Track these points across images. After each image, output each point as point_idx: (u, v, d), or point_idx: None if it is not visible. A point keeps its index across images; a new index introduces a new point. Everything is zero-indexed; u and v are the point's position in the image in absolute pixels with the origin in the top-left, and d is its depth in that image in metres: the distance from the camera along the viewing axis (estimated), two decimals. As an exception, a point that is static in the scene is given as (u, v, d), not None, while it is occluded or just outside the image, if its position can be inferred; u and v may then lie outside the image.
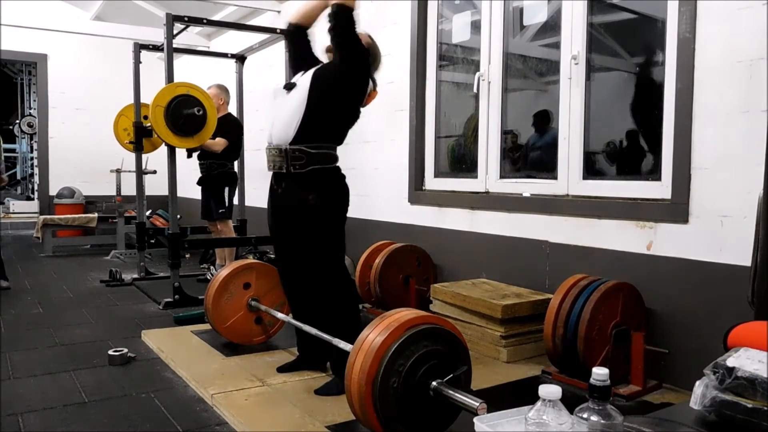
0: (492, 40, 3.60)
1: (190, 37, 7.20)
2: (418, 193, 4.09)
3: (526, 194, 3.37)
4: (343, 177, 2.60)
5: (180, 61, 7.04)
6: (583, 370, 2.49)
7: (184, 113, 4.04)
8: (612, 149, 3.18)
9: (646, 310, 2.69)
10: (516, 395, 2.54)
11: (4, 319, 3.81)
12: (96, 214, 7.10)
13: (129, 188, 6.28)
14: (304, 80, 2.53)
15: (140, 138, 5.10)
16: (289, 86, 2.60)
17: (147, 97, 4.57)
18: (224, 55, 5.54)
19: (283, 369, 2.76)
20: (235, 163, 5.11)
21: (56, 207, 7.71)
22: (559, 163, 3.21)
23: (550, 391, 1.18)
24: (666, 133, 2.70)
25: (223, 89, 5.07)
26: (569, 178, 3.16)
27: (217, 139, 4.67)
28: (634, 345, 2.52)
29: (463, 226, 3.74)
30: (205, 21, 4.49)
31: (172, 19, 4.16)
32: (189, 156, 4.77)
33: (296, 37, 2.71)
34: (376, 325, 1.95)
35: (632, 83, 3.15)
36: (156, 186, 6.58)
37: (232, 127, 4.89)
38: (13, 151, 12.94)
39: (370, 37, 2.70)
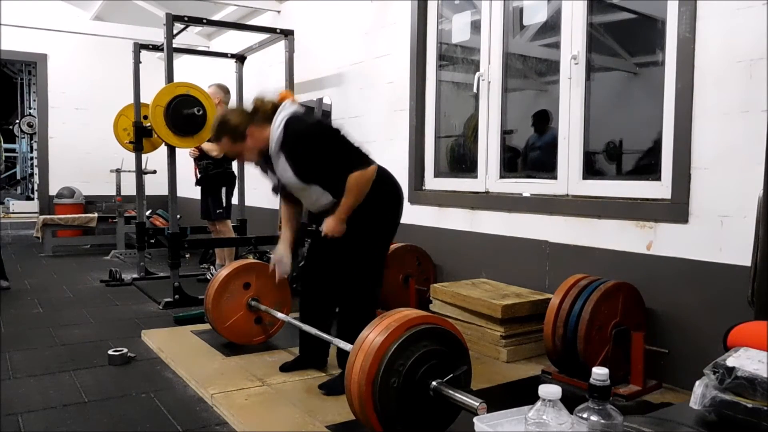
0: (492, 40, 3.60)
1: (190, 37, 7.20)
2: (418, 192, 4.09)
3: (526, 194, 3.38)
4: (383, 182, 2.55)
5: (180, 61, 7.04)
6: (583, 370, 2.49)
7: (184, 113, 4.05)
8: (612, 149, 3.18)
9: (646, 310, 2.70)
10: (516, 395, 2.54)
11: (4, 319, 3.81)
12: (96, 214, 7.10)
13: (129, 188, 6.27)
14: (285, 171, 2.48)
15: (140, 138, 5.10)
16: (277, 189, 2.63)
17: (147, 97, 4.57)
18: (224, 55, 5.54)
19: (285, 368, 2.77)
20: (234, 163, 5.11)
21: (56, 207, 7.71)
22: (558, 163, 3.21)
23: (550, 391, 1.18)
24: (666, 133, 2.70)
25: (222, 89, 5.06)
26: (569, 178, 3.16)
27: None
28: (634, 345, 2.52)
29: (463, 226, 3.74)
30: (205, 21, 4.49)
31: (172, 19, 4.16)
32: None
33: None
34: (376, 325, 1.95)
35: (632, 83, 3.16)
36: (156, 186, 6.58)
37: None
38: (13, 151, 12.96)
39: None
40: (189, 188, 5.90)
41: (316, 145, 2.43)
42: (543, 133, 3.51)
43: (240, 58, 5.42)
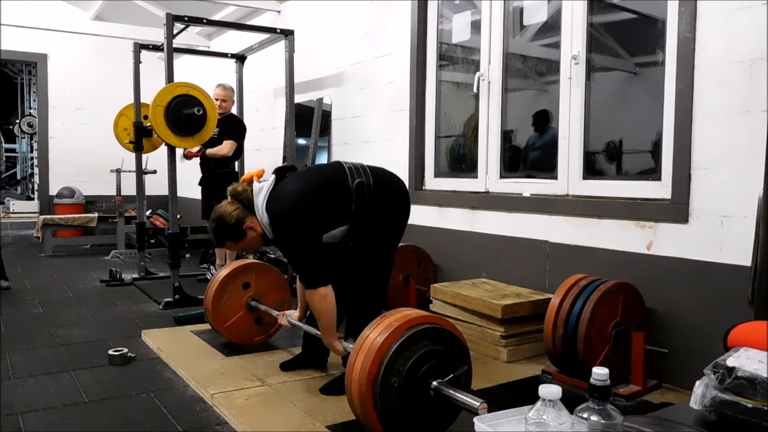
0: (492, 40, 3.60)
1: (190, 37, 7.20)
2: (418, 192, 4.09)
3: (526, 194, 3.38)
4: (391, 199, 2.54)
5: (180, 61, 7.04)
6: (583, 370, 2.49)
7: (184, 113, 4.05)
8: (612, 149, 3.18)
9: (646, 310, 2.70)
10: (516, 395, 2.55)
11: (4, 319, 3.81)
12: (96, 214, 7.09)
13: (129, 188, 6.28)
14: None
15: (140, 138, 5.10)
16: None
17: (147, 97, 4.58)
18: (224, 55, 5.55)
19: (285, 366, 2.77)
20: (236, 163, 5.11)
21: (56, 207, 7.71)
22: (559, 163, 3.21)
23: (550, 390, 1.18)
24: (666, 133, 2.70)
25: (231, 89, 5.07)
26: (569, 178, 3.16)
27: (225, 142, 4.68)
28: (634, 345, 2.52)
29: (463, 226, 3.74)
30: (205, 21, 4.50)
31: (172, 19, 4.16)
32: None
33: None
34: (376, 324, 1.95)
35: (632, 83, 3.16)
36: (156, 186, 6.58)
37: (236, 127, 4.90)
38: (13, 151, 12.97)
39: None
40: (189, 188, 5.91)
41: (301, 234, 2.36)
42: (543, 133, 3.51)
43: (240, 58, 5.43)
